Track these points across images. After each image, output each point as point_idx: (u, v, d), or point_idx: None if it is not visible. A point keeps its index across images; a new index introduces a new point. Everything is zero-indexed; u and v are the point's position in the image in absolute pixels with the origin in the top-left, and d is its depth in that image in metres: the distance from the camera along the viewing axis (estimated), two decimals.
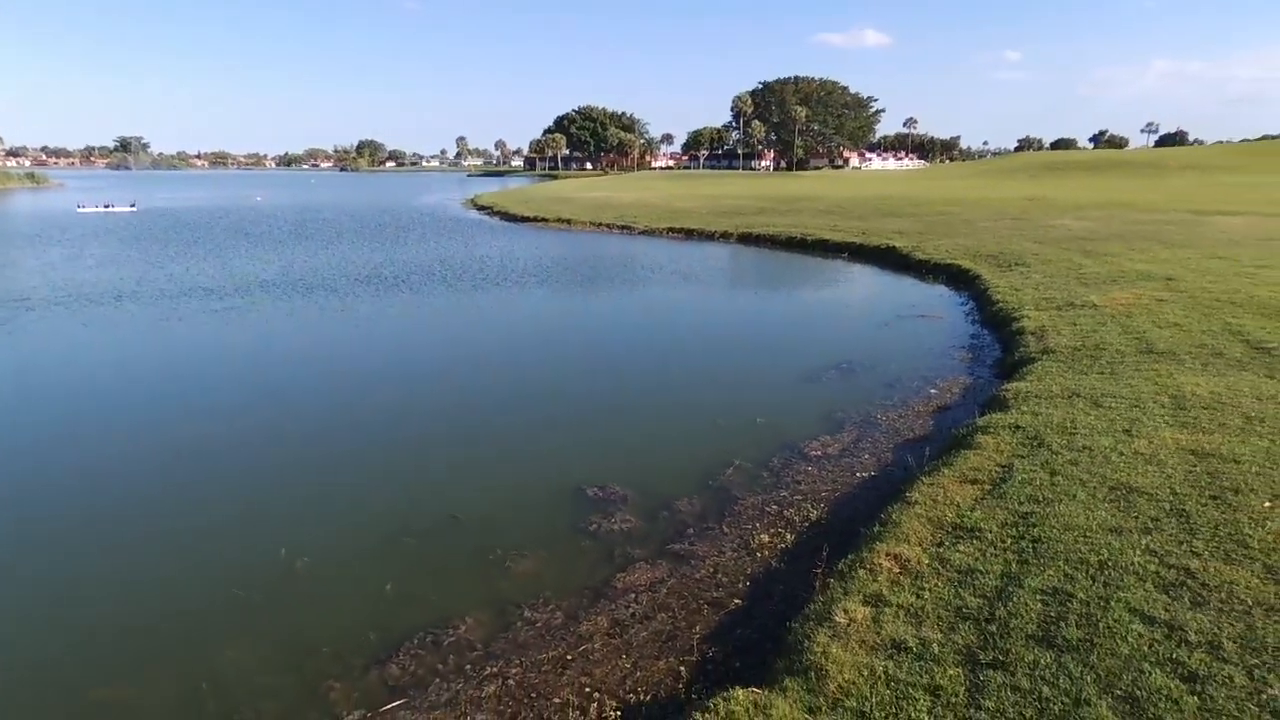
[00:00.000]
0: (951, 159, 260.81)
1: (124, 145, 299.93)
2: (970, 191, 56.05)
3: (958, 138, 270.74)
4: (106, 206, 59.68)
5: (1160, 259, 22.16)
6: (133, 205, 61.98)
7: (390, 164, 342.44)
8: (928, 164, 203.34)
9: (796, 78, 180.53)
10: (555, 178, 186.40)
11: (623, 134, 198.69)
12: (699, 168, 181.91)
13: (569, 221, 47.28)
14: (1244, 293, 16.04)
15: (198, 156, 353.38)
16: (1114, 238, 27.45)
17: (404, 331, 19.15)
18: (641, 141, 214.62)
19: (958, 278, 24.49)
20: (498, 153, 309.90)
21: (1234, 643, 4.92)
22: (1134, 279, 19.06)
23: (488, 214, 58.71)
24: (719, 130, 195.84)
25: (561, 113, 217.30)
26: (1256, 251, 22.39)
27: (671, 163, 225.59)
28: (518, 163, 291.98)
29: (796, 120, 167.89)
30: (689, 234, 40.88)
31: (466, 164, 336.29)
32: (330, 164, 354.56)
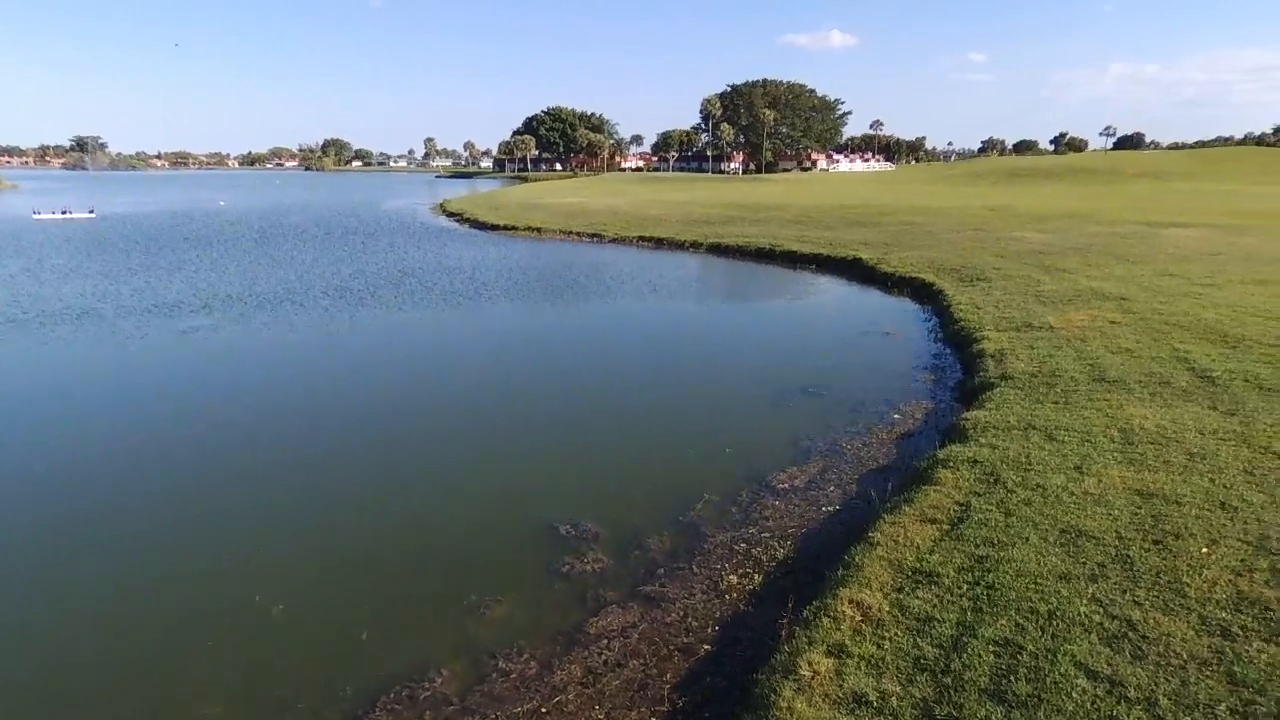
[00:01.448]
0: (918, 159, 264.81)
1: (80, 145, 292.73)
2: (935, 199, 57.07)
3: (923, 139, 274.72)
4: (64, 213, 58.39)
5: (1115, 275, 22.86)
6: (91, 211, 60.70)
7: (357, 163, 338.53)
8: (894, 166, 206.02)
9: (765, 80, 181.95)
10: (525, 179, 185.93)
11: (592, 135, 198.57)
12: (669, 169, 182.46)
13: (539, 230, 47.27)
14: (1192, 315, 16.66)
15: (157, 157, 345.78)
16: (1072, 251, 28.21)
17: (371, 357, 19.07)
18: (611, 142, 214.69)
19: (921, 291, 25.03)
20: (466, 153, 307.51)
21: (1169, 699, 5.24)
22: (1089, 298, 19.66)
23: (457, 220, 58.43)
24: (688, 133, 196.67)
25: (531, 113, 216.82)
26: (1205, 268, 23.20)
27: (641, 163, 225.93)
28: (486, 163, 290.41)
29: (765, 123, 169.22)
30: (659, 243, 41.13)
31: (435, 164, 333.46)
32: (295, 163, 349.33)
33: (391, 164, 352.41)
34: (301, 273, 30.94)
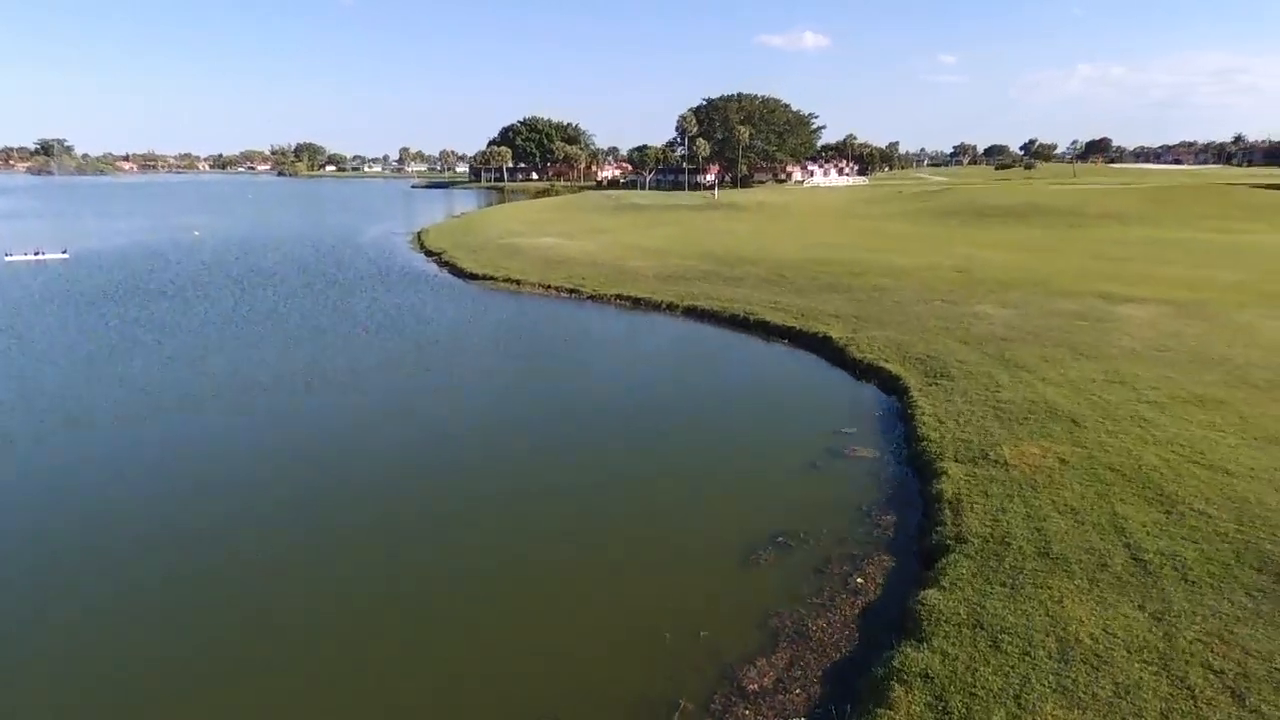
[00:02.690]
0: (891, 167, 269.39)
1: (45, 149, 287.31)
2: (906, 251, 58.63)
3: (896, 144, 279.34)
4: (37, 254, 58.27)
5: (1070, 379, 24.14)
6: (64, 252, 60.48)
7: (330, 168, 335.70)
8: (868, 179, 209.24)
9: (739, 95, 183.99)
10: (502, 190, 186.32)
11: (568, 148, 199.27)
12: (645, 186, 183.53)
13: (518, 282, 48.10)
14: (1134, 455, 17.85)
15: (125, 159, 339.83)
16: (1031, 339, 29.54)
17: (344, 492, 19.43)
18: (587, 153, 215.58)
19: (888, 383, 26.22)
20: (441, 161, 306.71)
21: None
22: (1043, 418, 20.82)
23: (436, 262, 59.35)
24: (663, 149, 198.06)
25: (507, 121, 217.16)
26: (1153, 372, 24.55)
27: (618, 172, 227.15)
28: (462, 168, 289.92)
29: (739, 138, 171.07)
30: (636, 302, 42.05)
31: (410, 169, 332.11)
32: (268, 167, 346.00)
33: (366, 169, 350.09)
34: (279, 354, 31.37)
